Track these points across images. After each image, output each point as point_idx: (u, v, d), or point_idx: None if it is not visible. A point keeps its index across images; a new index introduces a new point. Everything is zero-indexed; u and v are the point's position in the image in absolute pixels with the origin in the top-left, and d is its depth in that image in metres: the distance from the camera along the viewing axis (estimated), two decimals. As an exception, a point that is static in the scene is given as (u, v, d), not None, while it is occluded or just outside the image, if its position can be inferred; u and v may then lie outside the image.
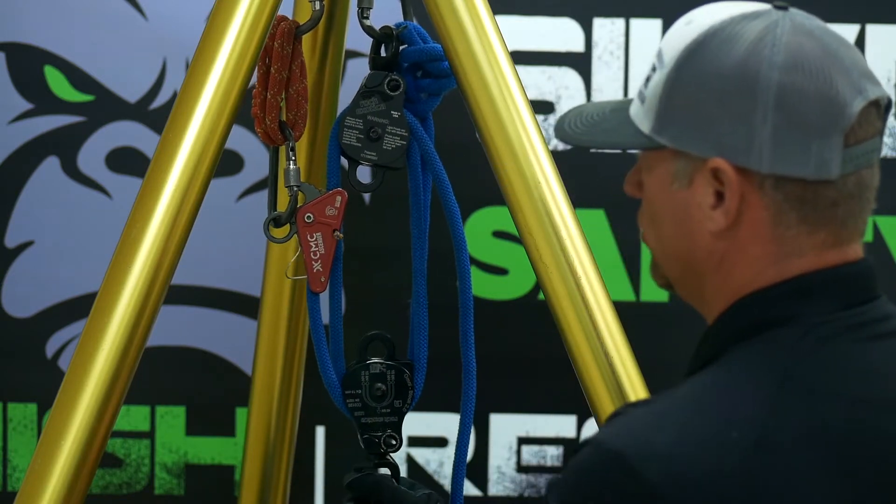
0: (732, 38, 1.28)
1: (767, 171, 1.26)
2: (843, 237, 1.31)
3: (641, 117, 1.34)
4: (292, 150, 1.82)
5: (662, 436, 1.21)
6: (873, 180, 1.32)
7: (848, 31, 2.56)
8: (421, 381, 1.91)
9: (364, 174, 1.87)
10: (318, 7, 1.82)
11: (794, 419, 1.21)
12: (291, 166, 1.81)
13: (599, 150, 2.45)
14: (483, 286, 2.57)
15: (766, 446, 1.19)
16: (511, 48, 1.87)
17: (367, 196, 2.56)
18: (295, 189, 1.80)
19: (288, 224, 1.81)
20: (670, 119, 1.31)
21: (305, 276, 1.82)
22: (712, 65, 1.28)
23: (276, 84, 1.82)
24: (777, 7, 1.32)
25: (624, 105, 1.40)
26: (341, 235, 1.81)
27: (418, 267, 1.89)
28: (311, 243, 1.78)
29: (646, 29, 2.56)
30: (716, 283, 1.32)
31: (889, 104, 1.32)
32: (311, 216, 1.78)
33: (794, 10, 1.32)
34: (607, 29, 2.55)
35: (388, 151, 1.82)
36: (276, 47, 1.81)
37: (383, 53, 1.86)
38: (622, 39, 2.56)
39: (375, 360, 1.89)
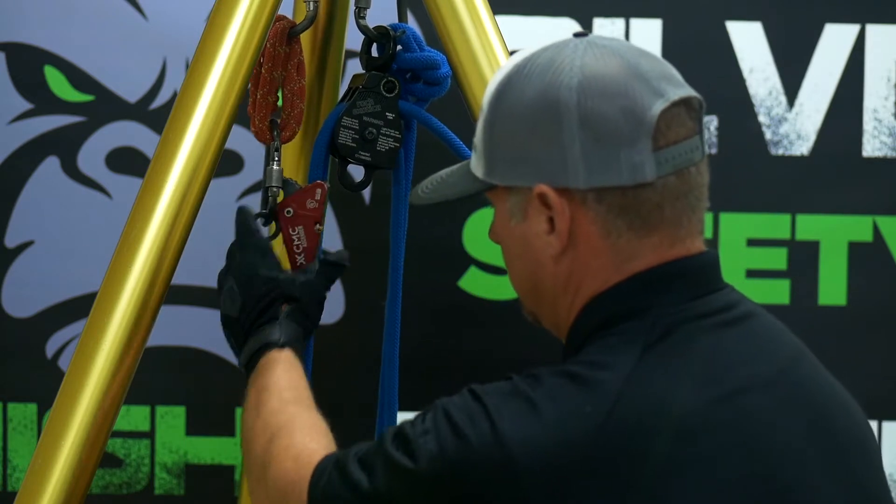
0: (533, 72, 1.35)
1: (585, 186, 1.32)
2: (679, 236, 1.35)
3: (476, 165, 1.41)
4: (276, 150, 1.82)
5: (535, 421, 1.27)
6: (700, 178, 1.36)
7: (848, 31, 2.57)
8: (395, 381, 1.93)
9: (358, 172, 1.87)
10: (311, 7, 1.82)
11: (644, 398, 1.27)
12: (274, 167, 1.81)
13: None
14: (483, 286, 2.57)
15: (616, 420, 1.25)
16: (511, 48, 1.87)
17: (367, 196, 2.56)
18: (275, 189, 1.80)
19: (273, 222, 1.82)
20: (495, 159, 1.38)
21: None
22: (519, 99, 1.35)
23: (267, 83, 1.82)
24: (576, 35, 1.38)
25: (469, 161, 1.46)
26: (321, 228, 1.81)
27: (395, 264, 1.91)
28: (294, 237, 1.78)
29: (646, 29, 2.56)
30: (567, 301, 1.38)
31: (701, 104, 1.38)
32: (291, 210, 1.79)
33: (592, 35, 1.38)
34: (607, 29, 2.55)
35: (382, 153, 1.83)
36: (268, 47, 1.81)
37: (374, 53, 1.87)
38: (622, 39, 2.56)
39: None
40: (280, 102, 1.85)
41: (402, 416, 2.61)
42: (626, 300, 1.34)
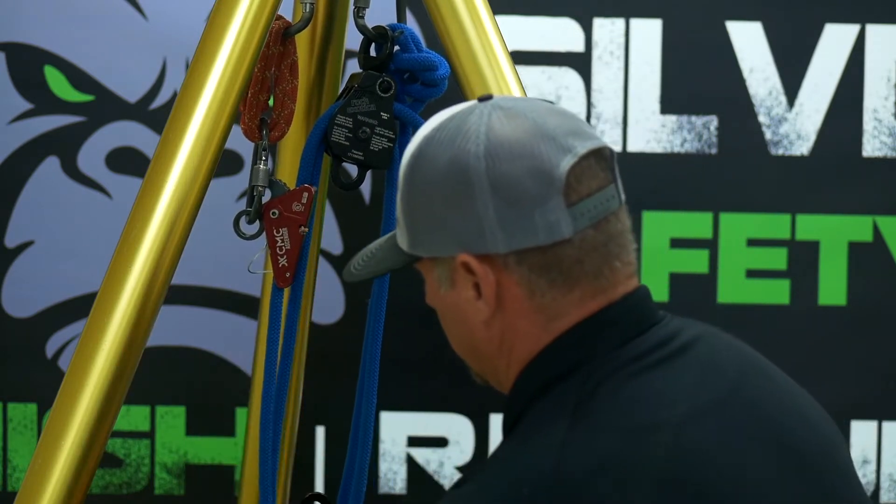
0: (442, 141, 1.35)
1: (505, 250, 1.32)
2: (601, 287, 1.35)
3: (401, 238, 1.42)
4: (264, 149, 1.82)
5: None
6: (620, 225, 1.36)
7: (848, 31, 2.57)
8: (374, 391, 1.93)
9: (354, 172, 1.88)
10: (307, 9, 1.83)
11: (582, 457, 1.25)
12: (261, 166, 1.81)
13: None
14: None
15: (555, 489, 1.24)
16: (511, 48, 1.87)
17: (366, 196, 2.56)
18: (260, 189, 1.81)
19: (257, 221, 1.82)
20: (416, 231, 1.38)
21: (269, 271, 1.84)
22: (430, 171, 1.35)
23: (259, 82, 1.82)
24: (481, 99, 1.38)
25: (395, 233, 1.46)
26: (306, 230, 1.81)
27: None
28: (278, 238, 1.79)
29: (646, 29, 2.56)
30: (503, 364, 1.39)
31: (612, 153, 1.36)
32: (277, 212, 1.79)
33: (497, 98, 1.38)
34: (607, 29, 2.56)
35: (375, 152, 1.83)
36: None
37: (373, 53, 1.87)
38: (622, 39, 2.56)
39: None
40: (271, 102, 1.85)
41: (392, 416, 2.62)
42: (554, 363, 1.34)
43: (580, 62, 2.56)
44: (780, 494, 1.29)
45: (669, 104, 2.58)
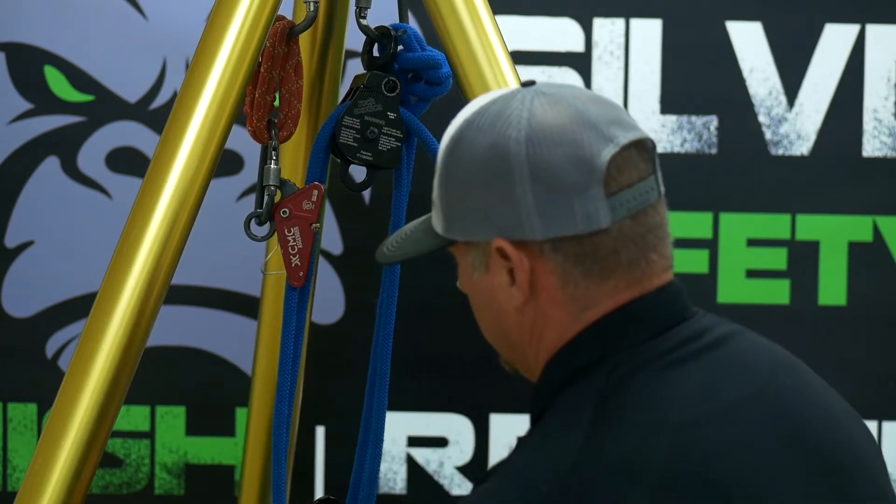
0: (482, 126, 1.34)
1: (542, 237, 1.32)
2: (635, 279, 1.34)
3: (436, 221, 1.42)
4: (274, 149, 1.82)
5: None
6: (658, 217, 1.35)
7: (848, 31, 2.57)
8: (385, 393, 1.92)
9: (359, 173, 1.87)
10: (312, 8, 1.83)
11: (601, 456, 1.25)
12: (272, 166, 1.82)
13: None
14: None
15: (574, 486, 1.24)
16: (511, 48, 1.87)
17: (367, 196, 2.56)
18: (273, 188, 1.81)
19: (268, 221, 1.82)
20: (453, 214, 1.38)
21: (282, 272, 1.84)
22: (470, 155, 1.34)
23: (266, 82, 1.82)
24: (525, 85, 1.37)
25: (430, 216, 1.46)
26: (318, 226, 1.81)
27: (391, 267, 1.91)
28: (289, 238, 1.79)
29: (646, 29, 2.56)
30: (533, 351, 1.38)
31: (653, 144, 1.36)
32: (288, 211, 1.79)
33: (540, 84, 1.37)
34: (607, 29, 2.56)
35: (383, 152, 1.84)
36: (268, 47, 1.81)
37: (375, 53, 1.87)
38: (622, 39, 2.56)
39: None
40: (277, 102, 1.86)
41: (392, 416, 2.62)
42: (582, 354, 1.34)
43: (580, 62, 2.56)
44: (794, 494, 1.28)
45: (669, 104, 2.58)
